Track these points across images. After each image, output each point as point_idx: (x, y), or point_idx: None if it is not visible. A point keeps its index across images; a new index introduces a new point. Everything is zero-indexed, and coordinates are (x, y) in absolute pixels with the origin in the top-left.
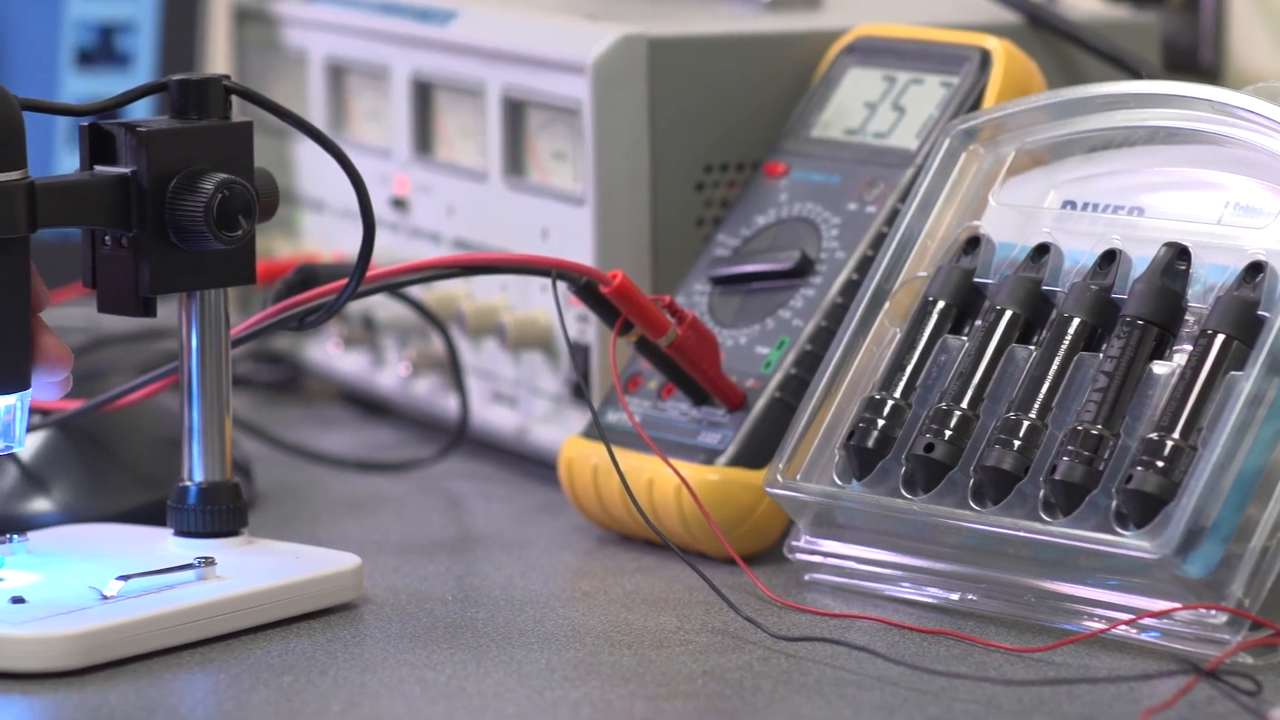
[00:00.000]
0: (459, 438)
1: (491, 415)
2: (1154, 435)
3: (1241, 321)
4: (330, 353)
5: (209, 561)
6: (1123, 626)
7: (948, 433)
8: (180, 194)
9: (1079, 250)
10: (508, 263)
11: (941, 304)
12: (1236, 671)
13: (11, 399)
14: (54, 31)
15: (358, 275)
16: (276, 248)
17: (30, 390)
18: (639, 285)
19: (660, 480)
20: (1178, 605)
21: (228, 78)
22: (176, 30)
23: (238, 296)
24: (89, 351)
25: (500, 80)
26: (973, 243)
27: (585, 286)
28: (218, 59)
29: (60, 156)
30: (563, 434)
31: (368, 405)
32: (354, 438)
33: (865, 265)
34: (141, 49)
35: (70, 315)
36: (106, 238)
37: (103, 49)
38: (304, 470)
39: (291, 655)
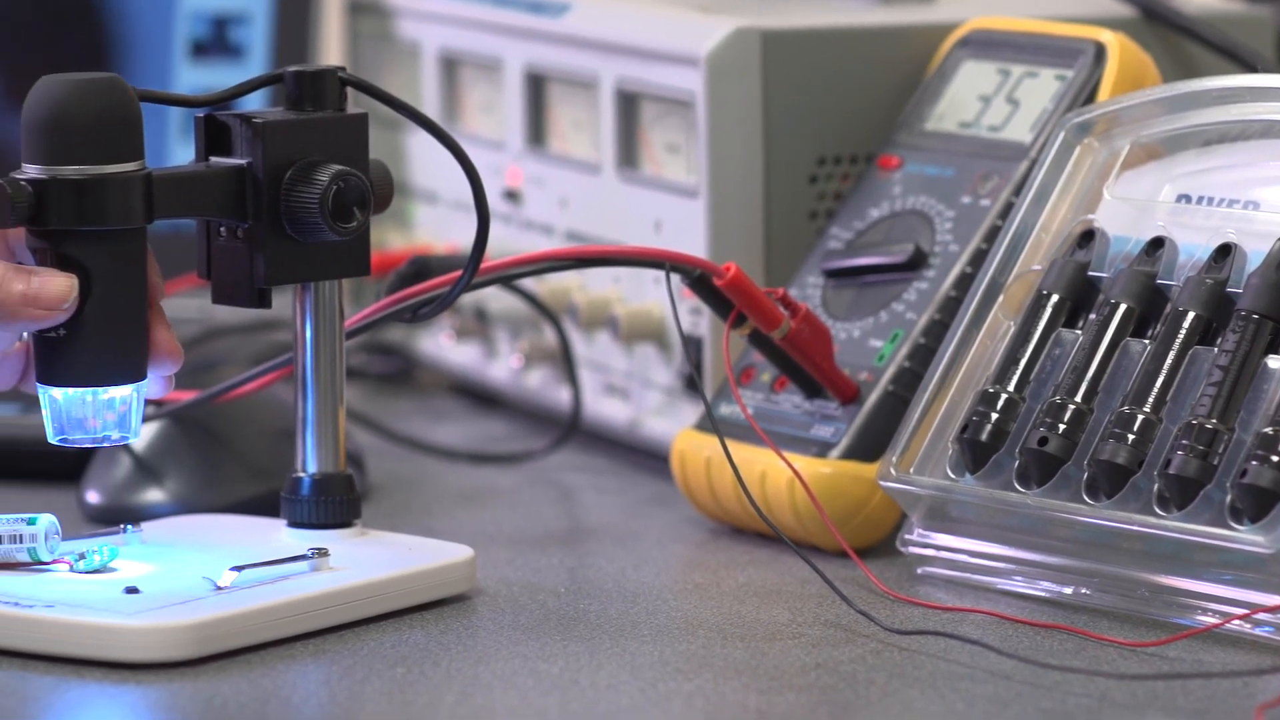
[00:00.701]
0: (571, 430)
1: (604, 407)
2: (1269, 430)
3: None
4: (443, 344)
5: (322, 553)
6: (1237, 621)
7: (1061, 426)
8: (295, 185)
9: (1194, 244)
10: (621, 255)
11: (1056, 297)
12: None
13: (127, 390)
14: (168, 23)
15: (471, 267)
16: (389, 239)
17: (146, 381)
18: (752, 278)
19: (773, 473)
20: None
21: (343, 69)
22: (290, 22)
23: (350, 288)
24: (202, 342)
25: (614, 73)
26: (1087, 236)
27: (699, 279)
28: (331, 51)
29: (174, 148)
30: (675, 426)
31: (480, 397)
32: (466, 429)
33: (979, 258)
34: (255, 41)
35: (183, 306)
36: (221, 229)
37: (216, 41)
38: (416, 462)
39: (404, 647)
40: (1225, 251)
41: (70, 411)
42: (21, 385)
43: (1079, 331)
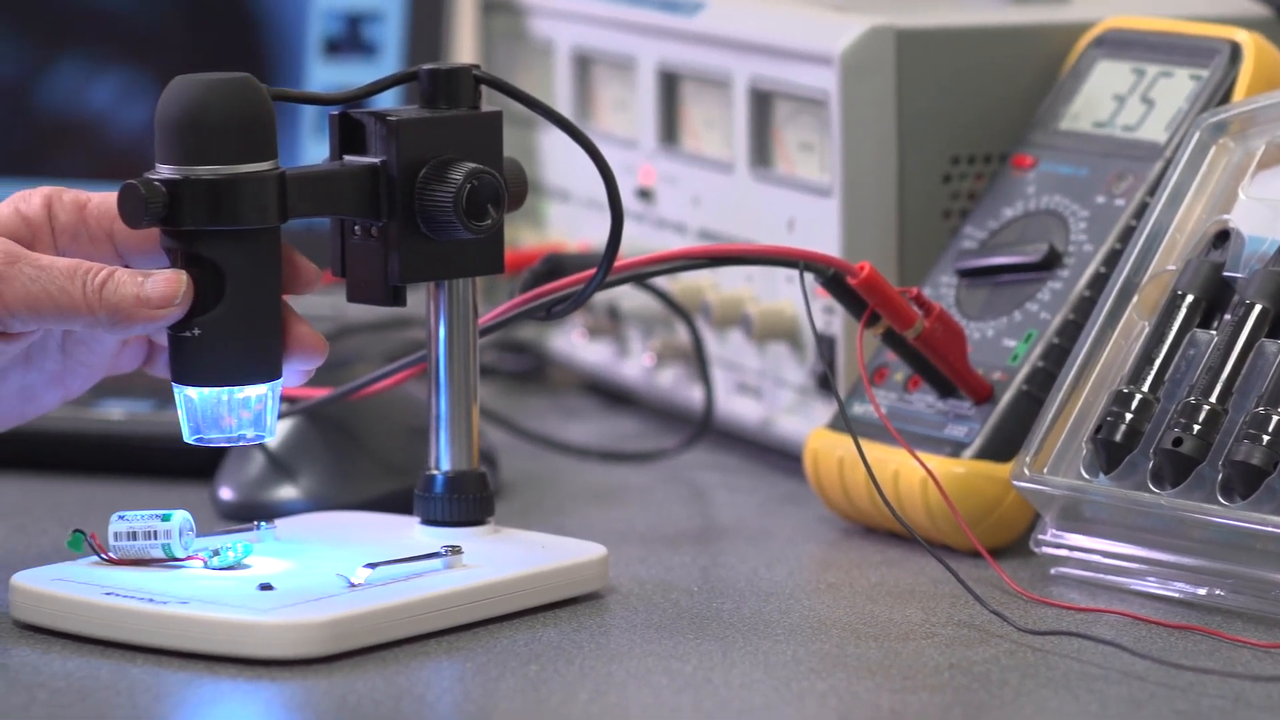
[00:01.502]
0: (703, 428)
1: (736, 406)
2: None
3: None
4: (575, 342)
5: (456, 550)
6: None
7: (1196, 427)
8: (429, 183)
9: None
10: (755, 254)
11: (1190, 298)
12: None
13: (263, 388)
14: (302, 21)
15: (605, 265)
16: (522, 237)
17: (281, 380)
18: (885, 277)
19: (906, 472)
20: None
21: (478, 67)
22: (423, 20)
23: (482, 286)
24: (335, 340)
25: (747, 71)
26: (1222, 236)
27: (833, 278)
28: (464, 49)
29: (306, 146)
30: (807, 425)
31: (612, 395)
32: (598, 428)
33: (1113, 258)
34: (388, 38)
35: (316, 304)
36: (356, 227)
37: (350, 38)
38: (548, 460)
39: (538, 644)
40: None
41: (206, 411)
42: (147, 368)
43: (1214, 332)
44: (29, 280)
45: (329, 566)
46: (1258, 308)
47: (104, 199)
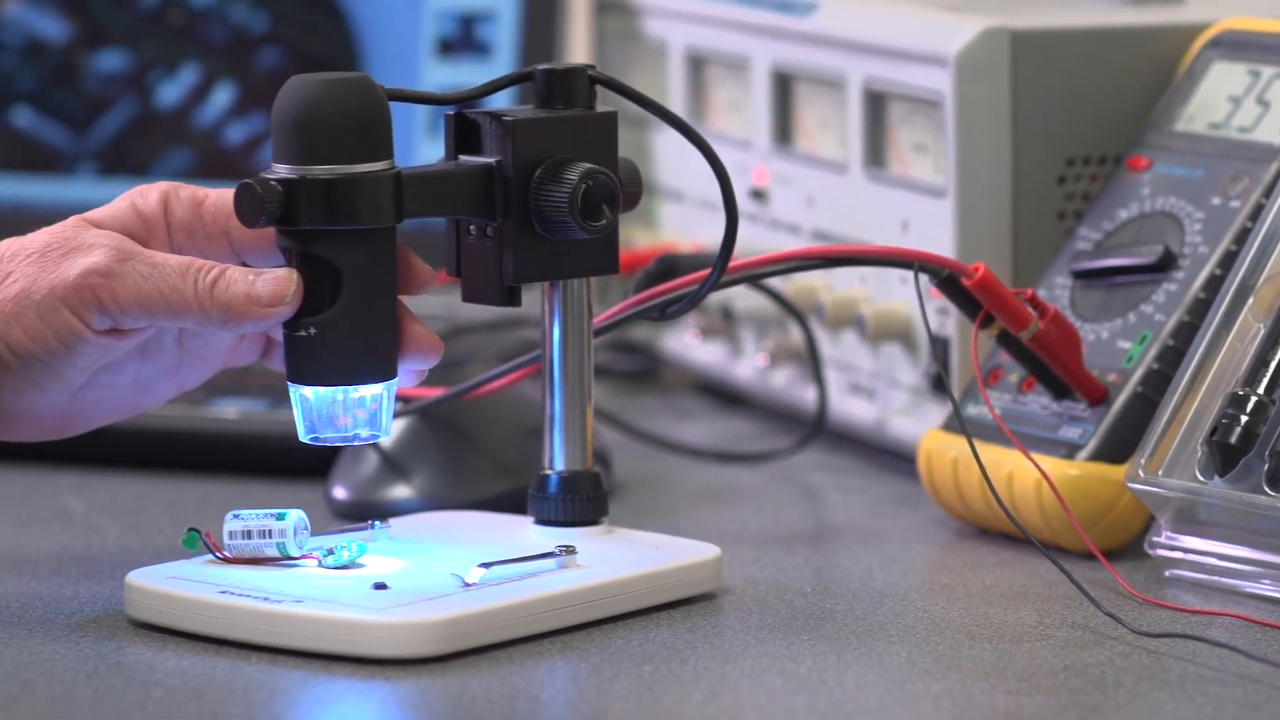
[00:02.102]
0: (817, 429)
1: (849, 407)
2: None
3: None
4: (688, 343)
5: (570, 550)
6: None
7: None
8: (545, 183)
9: None
10: (869, 255)
11: None
12: None
13: (378, 388)
14: (415, 21)
15: (720, 266)
16: (635, 237)
17: (396, 379)
18: (1000, 278)
19: (1020, 474)
20: None
21: (593, 67)
22: (537, 20)
23: (595, 286)
24: (449, 340)
25: (861, 72)
26: None
27: (947, 279)
28: (577, 49)
29: (420, 146)
30: (921, 427)
31: (724, 396)
32: (711, 428)
33: (1228, 260)
34: (502, 38)
35: (430, 303)
36: (471, 227)
37: (463, 38)
38: (661, 460)
39: (652, 645)
40: None
41: (321, 410)
42: (264, 362)
43: None
44: (141, 278)
45: (443, 566)
46: None
47: (220, 196)
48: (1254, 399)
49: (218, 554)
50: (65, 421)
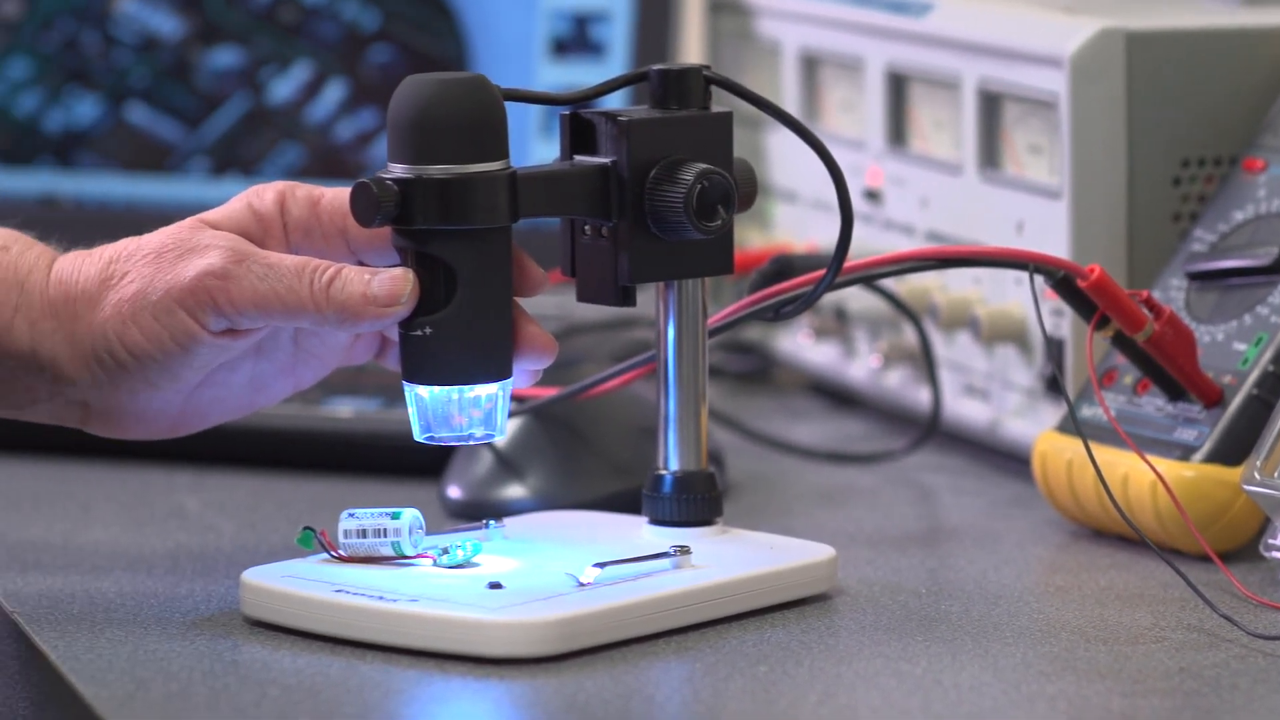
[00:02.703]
0: (931, 430)
1: (963, 408)
2: None
3: None
4: (801, 343)
5: (684, 550)
6: None
7: None
8: (660, 184)
9: None
10: (984, 256)
11: None
12: None
13: (493, 387)
14: (529, 21)
15: (835, 266)
16: (749, 238)
17: (511, 379)
18: (1115, 279)
19: (1135, 476)
20: None
21: (708, 68)
22: (651, 20)
23: (708, 286)
24: (562, 340)
25: (976, 73)
26: None
27: (1062, 280)
28: (691, 49)
29: (533, 146)
30: (1035, 428)
31: (838, 396)
32: (824, 429)
33: None
34: (615, 39)
35: (543, 303)
36: (586, 227)
37: (577, 38)
38: (775, 460)
39: (766, 645)
40: None
41: (436, 410)
42: (380, 360)
43: None
44: (257, 279)
45: (557, 566)
46: None
47: (337, 195)
48: None
49: (333, 553)
50: (181, 420)
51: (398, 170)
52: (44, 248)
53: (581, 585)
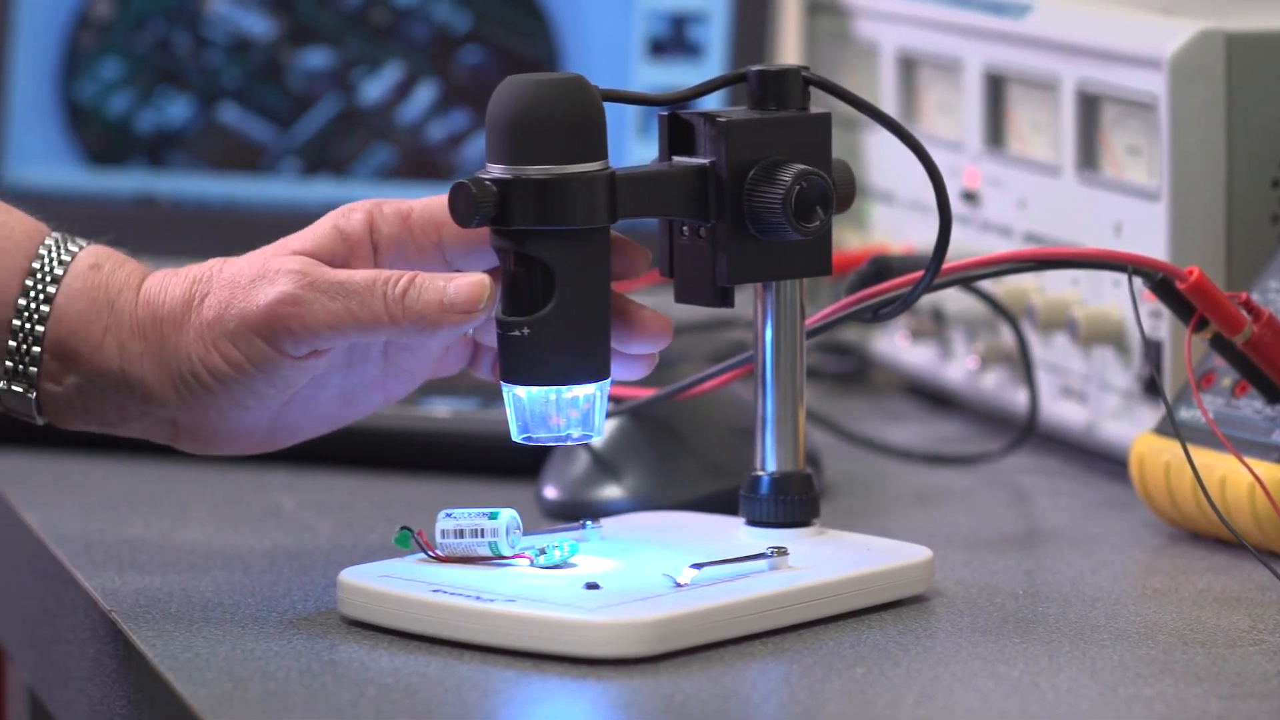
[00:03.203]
0: (1028, 432)
1: (1060, 410)
2: None
3: None
4: (898, 344)
5: (781, 551)
6: None
7: None
8: (758, 185)
9: None
10: (1083, 257)
11: None
12: None
13: (591, 388)
14: (626, 22)
15: (933, 268)
16: (846, 239)
17: (609, 380)
18: (1214, 281)
19: (1234, 478)
20: None
21: (807, 69)
22: (748, 21)
23: (805, 287)
24: None
25: (1075, 74)
26: None
27: (1161, 282)
28: (788, 50)
29: (630, 146)
30: (1132, 430)
31: (934, 398)
32: (921, 430)
33: None
34: (713, 39)
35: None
36: (684, 228)
37: (674, 39)
38: (871, 462)
39: (863, 647)
40: None
41: (534, 410)
42: (472, 370)
43: None
44: (329, 299)
45: (655, 566)
46: None
47: (427, 206)
48: None
49: (430, 552)
50: (271, 436)
51: (496, 171)
52: (135, 265)
53: (678, 586)
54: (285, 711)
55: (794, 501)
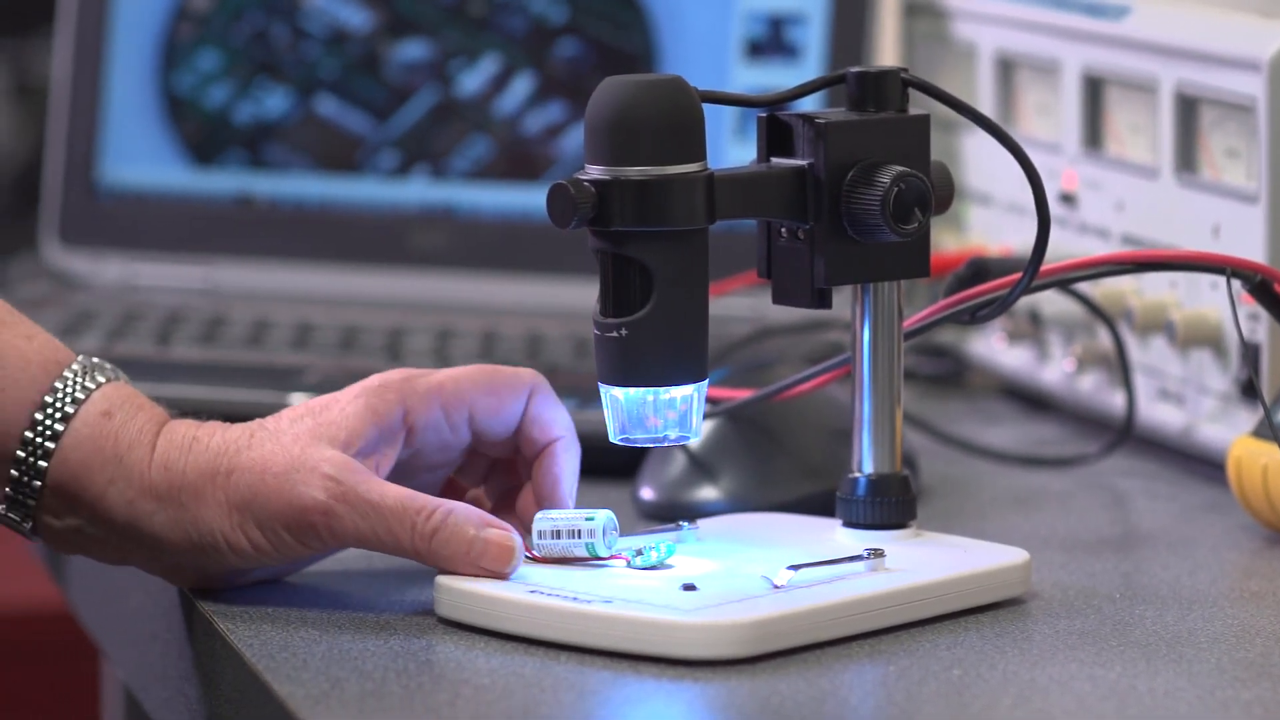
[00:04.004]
0: (1125, 434)
1: (1157, 412)
2: None
3: None
4: (994, 347)
5: (878, 553)
6: None
7: None
8: (856, 186)
9: None
10: (1181, 259)
11: None
12: None
13: (689, 389)
14: (724, 23)
15: (1032, 270)
16: (943, 241)
17: (707, 380)
18: None
19: None
20: None
21: (906, 70)
22: (846, 22)
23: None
24: (756, 342)
25: (1173, 76)
26: None
27: (1259, 285)
28: (886, 51)
29: (727, 148)
30: (1230, 433)
31: (1031, 400)
32: (1017, 432)
33: None
34: (811, 41)
35: (735, 305)
36: (782, 229)
37: (772, 40)
38: (968, 464)
39: (960, 649)
40: None
41: (631, 411)
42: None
43: None
44: (359, 518)
45: (752, 568)
46: None
47: (457, 382)
48: None
49: (527, 553)
50: (279, 574)
51: (595, 172)
52: (150, 415)
53: (776, 587)
54: (382, 711)
55: (891, 503)
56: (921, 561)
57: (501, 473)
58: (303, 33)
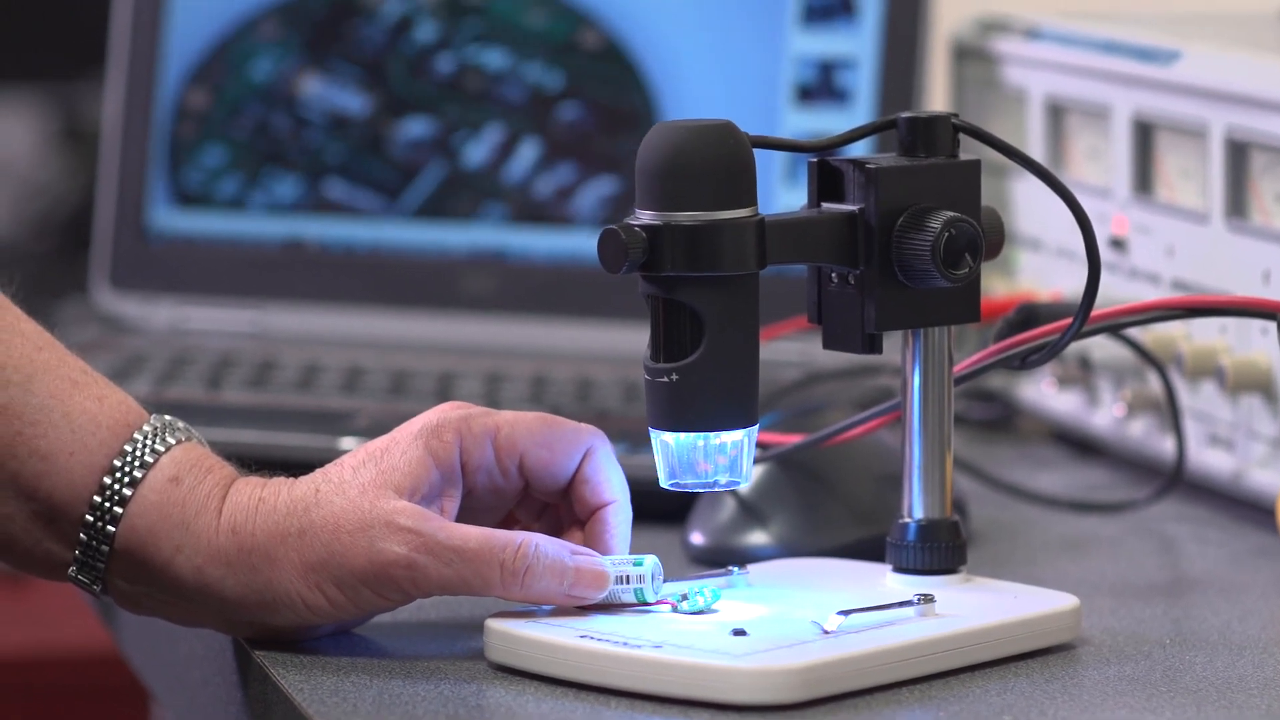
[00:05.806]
0: (1174, 480)
1: (1207, 458)
2: None
3: None
4: (1044, 392)
5: (928, 599)
6: None
7: None
8: (907, 231)
9: None
10: (1231, 305)
11: None
12: None
13: (739, 434)
14: (775, 67)
15: (1082, 315)
16: (993, 286)
17: (757, 426)
18: None
19: None
20: None
21: (956, 115)
22: (896, 67)
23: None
24: (805, 387)
25: (1223, 121)
26: None
27: None
28: (936, 97)
29: (777, 192)
30: None
31: (1080, 445)
32: (1067, 477)
33: None
34: (861, 86)
35: (785, 350)
36: (833, 275)
37: (822, 85)
38: (1017, 509)
39: (1010, 694)
40: None
41: (682, 456)
42: None
43: None
44: (444, 566)
45: (802, 613)
46: None
47: (513, 427)
48: None
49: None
50: (342, 627)
51: (645, 217)
52: (219, 476)
53: (826, 633)
54: None
55: (941, 548)
56: (971, 607)
57: (554, 511)
58: (303, 121)
